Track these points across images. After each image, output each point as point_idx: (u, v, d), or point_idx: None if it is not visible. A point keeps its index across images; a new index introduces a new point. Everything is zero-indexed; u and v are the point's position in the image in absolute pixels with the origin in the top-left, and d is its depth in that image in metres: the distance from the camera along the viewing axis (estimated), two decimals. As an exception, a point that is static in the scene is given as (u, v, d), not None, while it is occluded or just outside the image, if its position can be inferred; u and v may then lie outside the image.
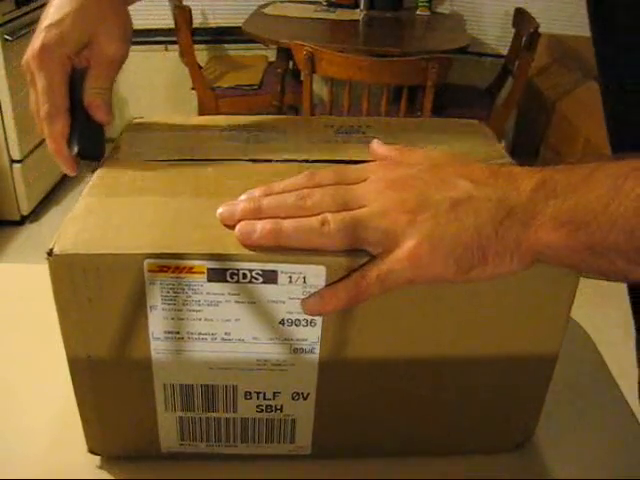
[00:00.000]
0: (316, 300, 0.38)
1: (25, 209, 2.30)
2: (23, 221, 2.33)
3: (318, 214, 0.38)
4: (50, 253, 0.37)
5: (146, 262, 0.37)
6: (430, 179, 0.38)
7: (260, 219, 0.38)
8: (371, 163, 0.42)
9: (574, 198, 0.35)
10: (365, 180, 0.40)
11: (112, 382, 0.42)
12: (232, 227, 0.39)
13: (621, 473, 0.48)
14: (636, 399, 0.60)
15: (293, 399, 0.43)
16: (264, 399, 0.43)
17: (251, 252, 0.38)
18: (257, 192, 0.41)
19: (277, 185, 0.41)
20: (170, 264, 0.37)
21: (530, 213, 0.36)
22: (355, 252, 0.38)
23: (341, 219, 0.37)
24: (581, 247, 0.35)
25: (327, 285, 0.38)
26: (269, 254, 0.38)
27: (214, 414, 0.44)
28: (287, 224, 0.37)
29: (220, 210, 0.40)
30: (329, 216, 0.37)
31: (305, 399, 0.43)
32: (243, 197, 0.41)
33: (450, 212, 0.36)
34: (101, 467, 0.46)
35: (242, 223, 0.38)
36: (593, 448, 0.50)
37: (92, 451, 0.46)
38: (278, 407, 0.44)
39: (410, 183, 0.38)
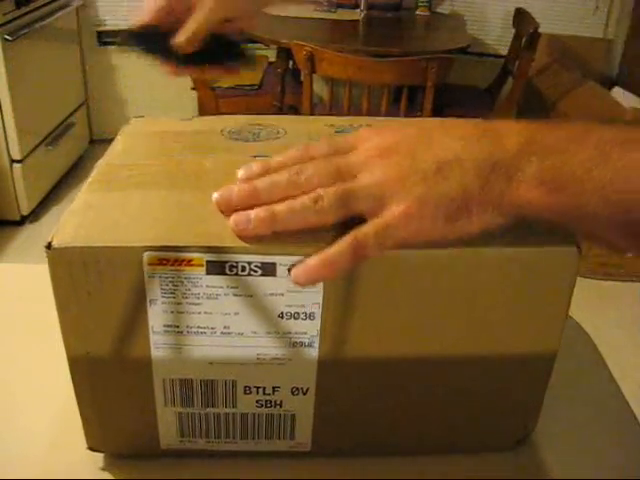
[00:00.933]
0: (305, 268, 0.37)
1: (25, 209, 2.31)
2: (23, 221, 2.33)
3: (312, 190, 0.38)
4: (49, 246, 0.37)
5: (145, 255, 0.37)
6: (418, 142, 0.39)
7: (256, 204, 0.39)
8: (361, 130, 0.43)
9: (559, 159, 0.35)
10: (356, 149, 0.40)
11: (111, 377, 0.42)
12: (228, 212, 0.39)
13: (621, 473, 0.48)
14: (636, 399, 0.60)
15: (292, 394, 0.43)
16: (264, 394, 0.43)
17: (250, 244, 0.38)
18: (255, 167, 0.42)
19: (274, 160, 0.42)
20: (169, 257, 0.37)
21: (513, 169, 0.36)
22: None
23: (334, 193, 0.38)
24: (560, 208, 0.36)
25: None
26: (268, 246, 0.38)
27: (214, 409, 0.44)
28: (280, 208, 0.38)
29: (216, 195, 0.40)
30: (321, 192, 0.38)
31: (305, 394, 0.43)
32: (241, 172, 0.42)
33: (438, 173, 0.37)
34: (101, 466, 0.46)
35: (235, 215, 0.39)
36: (593, 448, 0.50)
37: (92, 448, 0.46)
38: (278, 402, 0.43)
39: (398, 149, 0.39)
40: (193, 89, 2.39)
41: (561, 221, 0.37)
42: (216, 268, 0.38)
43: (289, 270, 0.38)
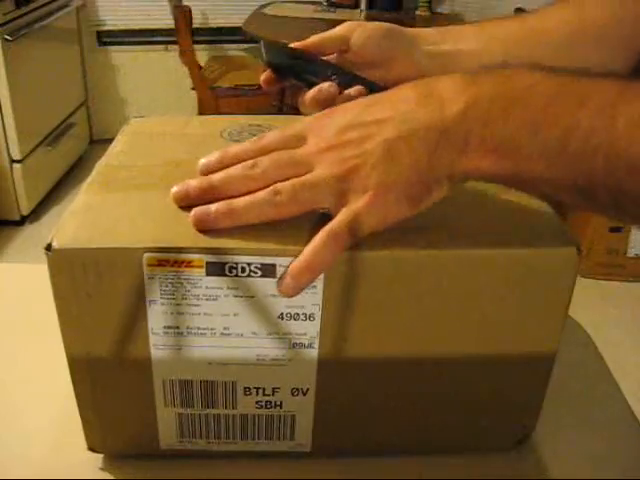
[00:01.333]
0: (290, 280, 0.38)
1: (25, 209, 2.31)
2: (23, 221, 2.33)
3: (268, 184, 0.39)
4: (49, 248, 0.37)
5: (145, 256, 0.37)
6: (362, 126, 0.39)
7: (213, 197, 0.39)
8: (307, 119, 0.43)
9: (504, 124, 0.35)
10: (306, 140, 0.41)
11: (111, 378, 0.42)
12: (186, 207, 0.40)
13: (621, 473, 0.48)
14: (636, 399, 0.60)
15: (292, 395, 0.43)
16: (263, 395, 0.43)
17: (250, 245, 0.38)
18: (213, 158, 0.42)
19: (230, 150, 0.42)
20: (169, 258, 0.37)
21: (460, 138, 0.36)
22: (355, 245, 0.38)
23: (291, 186, 0.38)
24: (508, 174, 0.36)
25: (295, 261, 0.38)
26: (268, 247, 0.38)
27: (213, 410, 0.44)
28: (239, 202, 0.39)
29: (174, 189, 0.41)
30: (279, 185, 0.38)
31: (304, 395, 0.43)
32: (202, 161, 0.42)
33: (387, 157, 0.37)
34: (101, 467, 0.46)
35: (195, 210, 0.39)
36: (592, 448, 0.50)
37: (92, 449, 0.46)
38: (277, 403, 0.43)
39: (344, 139, 0.39)
40: (193, 89, 2.40)
41: (511, 184, 0.38)
42: (216, 269, 0.38)
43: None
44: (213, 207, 0.39)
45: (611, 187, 0.34)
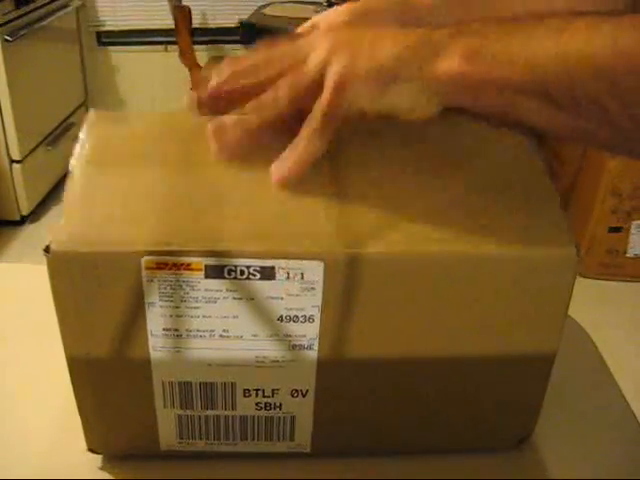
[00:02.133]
0: (285, 161, 0.40)
1: (25, 209, 2.31)
2: (23, 221, 2.33)
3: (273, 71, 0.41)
4: (47, 250, 0.37)
5: (144, 259, 0.37)
6: (360, 30, 0.42)
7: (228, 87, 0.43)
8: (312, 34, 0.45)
9: (484, 39, 0.37)
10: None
11: (111, 380, 0.42)
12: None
13: (621, 473, 0.48)
14: (636, 399, 0.60)
15: (292, 396, 0.43)
16: (263, 396, 0.43)
17: (249, 248, 0.38)
18: (223, 74, 0.44)
19: (238, 63, 0.44)
20: (168, 261, 0.37)
21: (441, 47, 0.38)
22: (354, 246, 0.38)
23: (284, 80, 0.40)
24: (477, 77, 0.37)
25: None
26: (267, 250, 0.38)
27: (213, 412, 0.44)
28: (248, 107, 0.41)
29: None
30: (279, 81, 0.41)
31: (304, 396, 0.43)
32: (212, 84, 0.44)
33: (372, 43, 0.40)
34: (101, 467, 0.46)
35: (210, 123, 0.42)
36: (593, 448, 0.50)
37: (91, 449, 0.46)
38: (277, 404, 0.43)
39: (341, 30, 0.43)
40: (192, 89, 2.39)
41: (481, 96, 0.38)
42: (215, 272, 0.38)
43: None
44: (226, 118, 0.42)
45: (582, 96, 0.35)
